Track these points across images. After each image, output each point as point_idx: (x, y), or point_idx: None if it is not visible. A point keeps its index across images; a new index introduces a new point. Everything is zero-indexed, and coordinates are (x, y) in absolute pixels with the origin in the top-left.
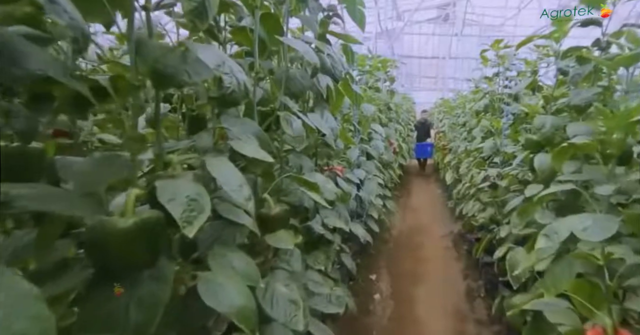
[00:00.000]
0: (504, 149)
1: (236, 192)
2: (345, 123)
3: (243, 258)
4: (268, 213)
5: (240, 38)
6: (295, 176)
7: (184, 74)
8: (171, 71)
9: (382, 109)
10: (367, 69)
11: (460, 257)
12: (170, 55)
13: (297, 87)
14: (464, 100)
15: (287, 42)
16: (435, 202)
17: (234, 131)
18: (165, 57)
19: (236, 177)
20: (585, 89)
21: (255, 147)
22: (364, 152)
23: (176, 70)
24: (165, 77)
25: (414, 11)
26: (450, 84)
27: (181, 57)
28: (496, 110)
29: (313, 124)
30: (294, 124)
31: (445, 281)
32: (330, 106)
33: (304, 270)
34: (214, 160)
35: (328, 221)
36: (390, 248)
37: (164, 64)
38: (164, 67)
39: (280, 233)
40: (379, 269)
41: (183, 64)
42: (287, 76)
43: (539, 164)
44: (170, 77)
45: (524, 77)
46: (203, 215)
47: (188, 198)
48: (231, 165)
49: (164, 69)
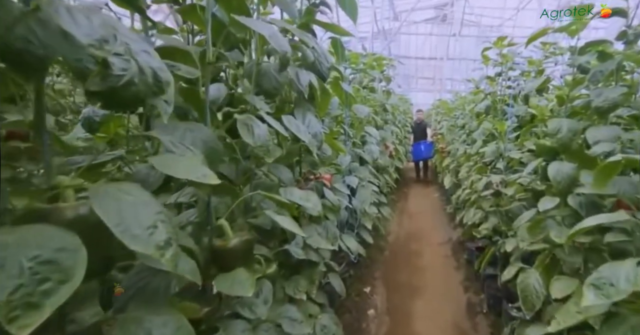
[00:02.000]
0: (508, 154)
1: (140, 239)
2: (338, 126)
3: (172, 321)
4: (224, 245)
5: (191, 18)
6: (264, 194)
7: (38, 49)
8: (20, 45)
9: (377, 110)
10: (362, 67)
11: (459, 266)
12: (27, 21)
13: (270, 84)
14: (463, 101)
15: (244, 23)
16: (433, 207)
17: (166, 140)
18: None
19: (144, 214)
20: (608, 88)
21: (193, 162)
22: (357, 156)
23: (27, 43)
24: (17, 54)
25: (410, 11)
26: (447, 85)
27: (35, 24)
28: (498, 112)
29: (285, 129)
30: (257, 130)
31: (445, 294)
32: (317, 108)
33: (281, 303)
34: (107, 191)
35: (311, 242)
36: (386, 257)
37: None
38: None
39: (237, 273)
40: (374, 280)
41: (32, 34)
42: (258, 71)
43: (555, 174)
44: (20, 54)
45: (528, 77)
46: (63, 289)
47: (35, 261)
48: (140, 194)
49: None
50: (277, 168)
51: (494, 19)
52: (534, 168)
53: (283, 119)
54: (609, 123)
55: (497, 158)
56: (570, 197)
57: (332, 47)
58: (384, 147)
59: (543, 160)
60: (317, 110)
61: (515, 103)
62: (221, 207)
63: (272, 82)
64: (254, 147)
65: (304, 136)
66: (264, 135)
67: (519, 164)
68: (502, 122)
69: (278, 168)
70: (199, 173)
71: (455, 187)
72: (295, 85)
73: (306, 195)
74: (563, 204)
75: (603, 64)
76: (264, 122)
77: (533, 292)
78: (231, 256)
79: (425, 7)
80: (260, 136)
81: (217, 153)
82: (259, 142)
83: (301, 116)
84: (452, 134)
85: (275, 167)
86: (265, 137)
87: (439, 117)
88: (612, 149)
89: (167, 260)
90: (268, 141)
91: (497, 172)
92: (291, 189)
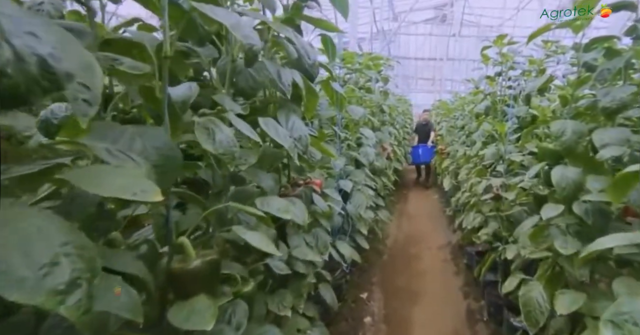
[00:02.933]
0: (509, 157)
1: (26, 284)
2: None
3: None
4: (183, 267)
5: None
6: (236, 206)
7: None
8: None
9: (374, 111)
10: (357, 67)
11: (459, 271)
12: None
13: (246, 83)
14: (463, 102)
15: (204, 10)
16: (432, 209)
17: (101, 148)
18: None
19: (40, 247)
20: (616, 87)
21: (132, 175)
22: (353, 159)
23: None
24: None
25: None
26: (447, 86)
27: None
28: (498, 113)
29: (255, 133)
30: (219, 135)
31: (444, 301)
32: (305, 109)
33: (260, 323)
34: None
35: (297, 253)
36: (384, 260)
37: None
38: None
39: (195, 301)
40: (371, 285)
41: None
42: (233, 68)
43: (559, 179)
44: None
45: (529, 77)
46: None
47: None
48: (42, 221)
49: None
50: (256, 174)
51: (493, 19)
52: (536, 172)
53: (260, 121)
54: (616, 125)
55: (497, 160)
56: (576, 204)
57: (323, 45)
58: (382, 149)
59: (546, 165)
60: (305, 111)
61: (516, 103)
62: (189, 221)
63: (248, 80)
64: (216, 154)
65: (284, 140)
66: (228, 141)
67: (520, 166)
68: (502, 124)
69: (257, 175)
70: (136, 188)
71: (455, 190)
72: (277, 85)
73: (286, 206)
74: (567, 211)
75: (610, 61)
76: (231, 125)
77: (536, 307)
78: (192, 280)
79: (424, 7)
80: (223, 142)
81: (173, 162)
82: (220, 149)
83: (284, 118)
84: (451, 135)
85: (253, 173)
86: (229, 143)
87: (439, 117)
88: (621, 153)
89: (68, 308)
90: (233, 147)
91: (497, 175)
92: (270, 198)
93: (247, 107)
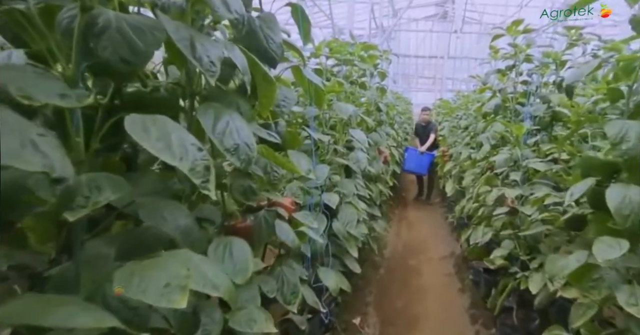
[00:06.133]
0: (526, 163)
1: None
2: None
3: None
4: None
5: None
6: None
7: None
8: None
9: (369, 109)
10: (347, 57)
11: (464, 289)
12: None
13: (115, 51)
14: (467, 100)
15: None
16: (434, 214)
17: None
18: None
19: None
20: None
21: None
22: (342, 167)
23: None
24: None
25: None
26: (448, 85)
27: None
28: (509, 112)
29: None
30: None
31: (449, 328)
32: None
33: None
34: None
35: (235, 323)
36: (381, 276)
37: None
38: None
39: None
40: (365, 307)
41: None
42: (90, 24)
43: (619, 204)
44: None
45: (547, 71)
46: None
47: None
48: None
49: None
50: (153, 210)
51: (496, 16)
52: (584, 193)
53: (127, 121)
54: None
55: (510, 168)
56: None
57: (293, 16)
58: (378, 152)
59: (595, 182)
60: (260, 107)
61: (530, 101)
62: None
63: (122, 47)
64: None
65: (175, 155)
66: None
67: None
68: (519, 125)
69: (155, 210)
70: None
71: (458, 195)
72: (187, 59)
73: (200, 263)
74: (633, 250)
75: None
76: None
77: None
78: None
79: (425, 4)
80: None
81: None
82: None
83: (210, 116)
84: (454, 136)
85: (149, 208)
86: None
87: (440, 117)
88: None
89: None
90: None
91: (511, 184)
92: (174, 254)
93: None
